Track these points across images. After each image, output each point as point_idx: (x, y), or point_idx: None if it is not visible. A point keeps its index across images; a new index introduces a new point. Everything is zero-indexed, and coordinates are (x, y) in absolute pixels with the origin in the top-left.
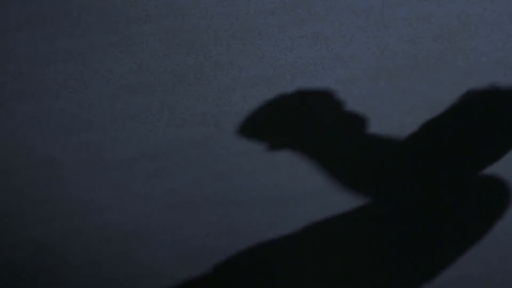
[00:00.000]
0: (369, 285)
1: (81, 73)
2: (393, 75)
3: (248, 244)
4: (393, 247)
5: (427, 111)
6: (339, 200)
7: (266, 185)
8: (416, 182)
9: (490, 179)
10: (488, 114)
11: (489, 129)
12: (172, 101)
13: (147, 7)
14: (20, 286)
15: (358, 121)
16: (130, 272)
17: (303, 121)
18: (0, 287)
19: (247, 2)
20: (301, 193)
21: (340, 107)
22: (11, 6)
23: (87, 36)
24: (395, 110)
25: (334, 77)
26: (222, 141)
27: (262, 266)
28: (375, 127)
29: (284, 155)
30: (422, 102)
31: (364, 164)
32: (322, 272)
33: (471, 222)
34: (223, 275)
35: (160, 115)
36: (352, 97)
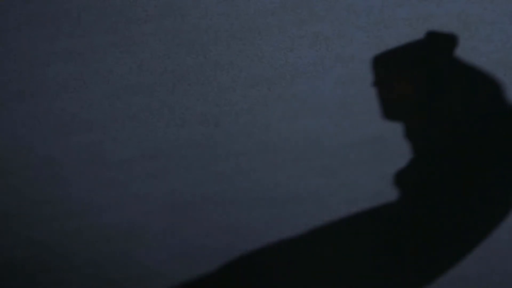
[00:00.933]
0: (369, 285)
1: (81, 73)
2: None
3: (248, 244)
4: (393, 247)
5: (427, 111)
6: (339, 200)
7: (266, 185)
8: (415, 183)
9: (490, 179)
10: (488, 114)
11: (489, 129)
12: (172, 101)
13: (147, 7)
14: (20, 286)
15: (357, 121)
16: (130, 272)
17: (302, 121)
18: (0, 287)
19: (247, 2)
20: (301, 193)
21: (340, 107)
22: (11, 6)
23: (87, 36)
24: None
25: (334, 77)
26: (222, 141)
27: (262, 266)
28: (375, 127)
29: (284, 155)
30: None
31: (364, 163)
32: (322, 272)
33: (472, 222)
34: (223, 275)
35: (160, 115)
36: (352, 97)
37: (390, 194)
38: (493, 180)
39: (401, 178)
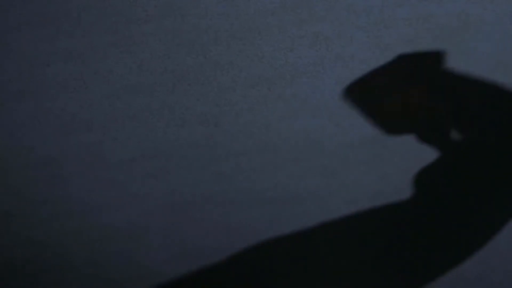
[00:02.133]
0: (369, 285)
1: (81, 73)
2: None
3: (248, 244)
4: (393, 247)
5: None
6: (339, 200)
7: (266, 185)
8: (416, 183)
9: (490, 179)
10: (488, 114)
11: (489, 129)
12: (172, 101)
13: (147, 7)
14: (20, 286)
15: (357, 121)
16: (130, 272)
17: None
18: (0, 287)
19: (247, 2)
20: (301, 193)
21: (340, 107)
22: (11, 6)
23: (87, 36)
24: None
25: (334, 77)
26: (222, 141)
27: (262, 266)
28: (375, 127)
29: (284, 155)
30: None
31: (364, 163)
32: (322, 272)
33: (472, 222)
34: (223, 275)
35: (160, 115)
36: None
37: (390, 194)
38: (493, 180)
39: (399, 178)
